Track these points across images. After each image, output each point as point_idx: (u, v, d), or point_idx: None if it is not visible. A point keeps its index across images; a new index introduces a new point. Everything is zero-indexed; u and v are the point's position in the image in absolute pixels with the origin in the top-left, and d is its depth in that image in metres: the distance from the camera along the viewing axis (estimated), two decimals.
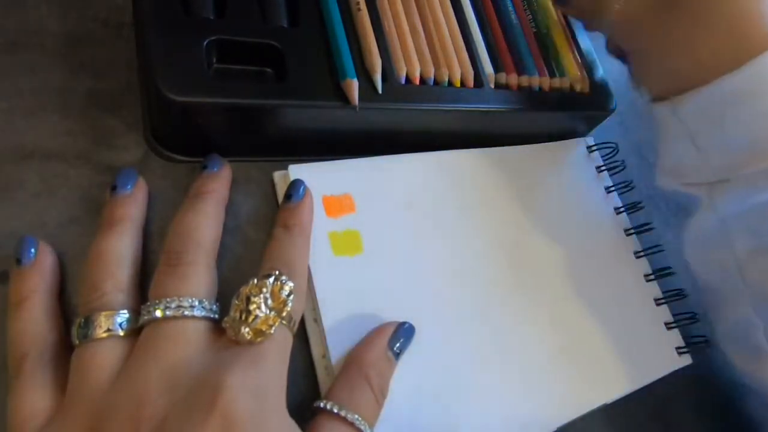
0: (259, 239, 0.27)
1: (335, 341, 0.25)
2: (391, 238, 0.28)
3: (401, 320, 0.26)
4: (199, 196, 0.24)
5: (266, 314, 0.21)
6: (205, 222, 0.23)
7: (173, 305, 0.20)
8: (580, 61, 0.36)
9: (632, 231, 0.37)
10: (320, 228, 0.27)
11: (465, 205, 0.31)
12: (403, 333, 0.25)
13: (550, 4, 0.37)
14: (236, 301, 0.21)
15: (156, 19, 0.24)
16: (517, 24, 0.35)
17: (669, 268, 0.36)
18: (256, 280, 0.22)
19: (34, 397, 0.19)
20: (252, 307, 0.21)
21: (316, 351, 0.25)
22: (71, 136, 0.26)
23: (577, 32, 0.38)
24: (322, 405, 0.22)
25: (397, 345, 0.25)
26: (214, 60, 0.26)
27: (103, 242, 0.22)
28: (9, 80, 0.25)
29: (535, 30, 0.36)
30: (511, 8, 0.35)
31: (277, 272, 0.22)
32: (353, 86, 0.26)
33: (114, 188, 0.24)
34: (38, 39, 0.26)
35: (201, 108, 0.24)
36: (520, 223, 0.33)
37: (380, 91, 0.27)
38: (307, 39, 0.27)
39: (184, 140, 0.27)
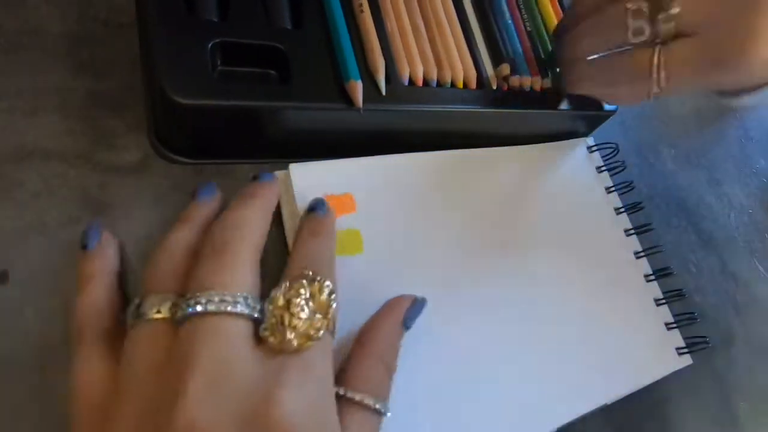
0: None
1: (335, 341, 0.25)
2: (392, 237, 0.28)
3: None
4: (251, 197, 0.24)
5: (310, 317, 0.20)
6: (254, 216, 0.23)
7: (216, 299, 0.19)
8: None
9: (632, 231, 0.37)
10: None
11: (465, 205, 0.31)
12: (417, 308, 0.25)
13: (546, 2, 0.37)
14: (271, 306, 0.20)
15: (160, 21, 0.24)
16: (511, 24, 0.35)
17: (669, 268, 0.36)
18: (288, 283, 0.21)
19: (94, 364, 0.20)
20: (295, 310, 0.20)
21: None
22: (71, 136, 0.26)
23: None
24: (341, 392, 0.21)
25: (410, 319, 0.25)
26: (219, 62, 0.26)
27: (173, 233, 0.23)
28: (9, 80, 0.25)
29: (530, 30, 0.36)
30: (505, 8, 0.35)
31: (310, 272, 0.21)
32: (357, 88, 0.26)
33: (194, 194, 0.25)
34: (38, 39, 0.26)
35: (206, 110, 0.24)
36: (521, 223, 0.33)
37: (383, 93, 0.27)
38: (311, 41, 0.27)
39: (189, 142, 0.27)
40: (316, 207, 0.26)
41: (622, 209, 0.38)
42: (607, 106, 0.36)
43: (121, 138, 0.26)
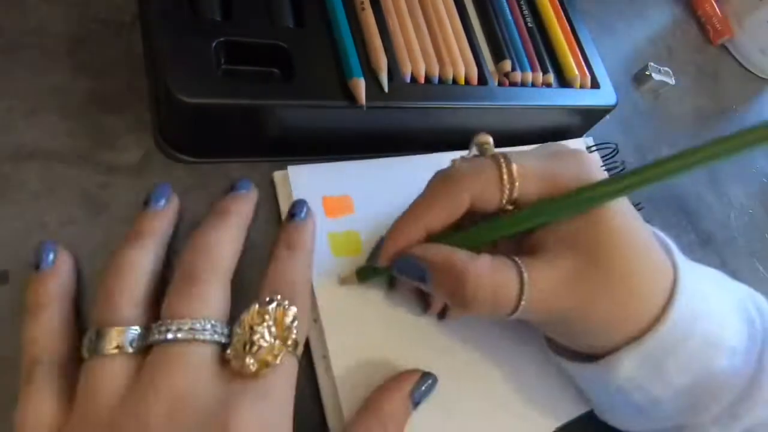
0: (258, 239, 0.27)
1: (335, 342, 0.25)
2: None
3: (424, 369, 0.25)
4: (223, 214, 0.24)
5: (271, 343, 0.20)
6: (225, 239, 0.23)
7: (186, 327, 0.20)
8: (580, 56, 0.36)
9: None
10: (320, 229, 0.27)
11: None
12: (425, 384, 0.24)
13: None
14: (239, 330, 0.20)
15: (164, 21, 0.24)
16: (512, 21, 0.35)
17: None
18: (257, 306, 0.21)
19: (44, 405, 0.19)
20: (256, 337, 0.20)
21: (316, 351, 0.25)
22: (71, 136, 0.26)
23: (578, 28, 0.38)
24: None
25: (418, 395, 0.24)
26: (222, 61, 0.27)
27: (125, 253, 0.22)
28: (9, 80, 0.25)
29: (530, 26, 0.36)
30: (505, 4, 0.35)
31: (278, 297, 0.21)
32: (360, 85, 0.26)
33: (146, 202, 0.24)
34: (38, 39, 0.27)
35: (211, 109, 0.24)
36: None
37: (386, 90, 0.28)
38: (313, 39, 0.27)
39: (193, 141, 0.27)
40: (295, 212, 0.26)
41: None
42: (607, 101, 0.36)
43: (121, 138, 0.26)
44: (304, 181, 0.27)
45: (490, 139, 0.25)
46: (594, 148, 0.39)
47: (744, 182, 0.49)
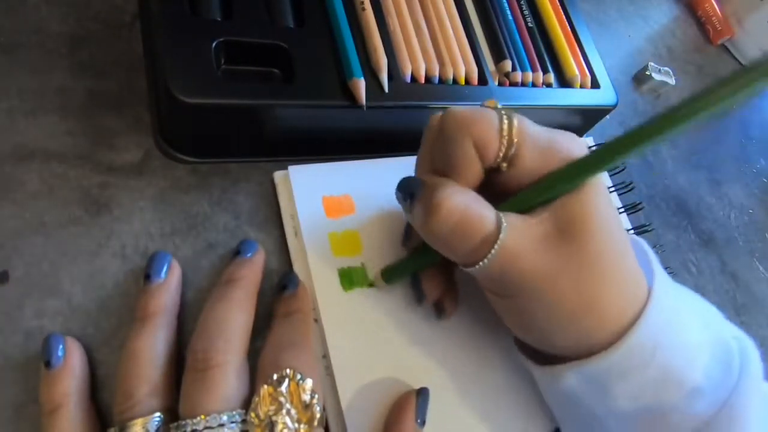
0: (258, 239, 0.27)
1: (336, 342, 0.25)
2: (390, 238, 0.28)
3: (417, 386, 0.25)
4: (230, 283, 0.23)
5: (296, 429, 0.19)
6: (235, 312, 0.22)
7: (201, 427, 0.19)
8: (581, 56, 0.36)
9: (632, 231, 0.37)
10: (320, 228, 0.27)
11: None
12: (423, 402, 0.24)
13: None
14: (255, 421, 0.20)
15: (165, 21, 0.24)
16: (512, 20, 0.35)
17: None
18: (268, 387, 0.20)
19: None
20: (278, 428, 0.19)
21: (316, 351, 0.25)
22: (71, 136, 0.26)
23: (578, 27, 0.38)
24: None
25: (421, 414, 0.24)
26: (222, 61, 0.27)
27: (137, 341, 0.21)
28: (9, 80, 0.25)
29: (531, 26, 0.36)
30: (505, 4, 0.35)
31: (289, 372, 0.21)
32: (360, 85, 0.26)
33: (147, 277, 0.23)
34: (38, 39, 0.26)
35: (212, 109, 0.24)
36: None
37: (386, 90, 0.28)
38: (313, 39, 0.27)
39: (193, 141, 0.27)
40: (286, 284, 0.25)
41: (622, 209, 0.38)
42: (607, 101, 0.36)
43: (121, 138, 0.26)
44: (305, 180, 0.27)
45: (498, 105, 0.25)
46: (594, 149, 0.39)
47: (744, 182, 0.49)
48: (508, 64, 0.32)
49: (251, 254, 0.25)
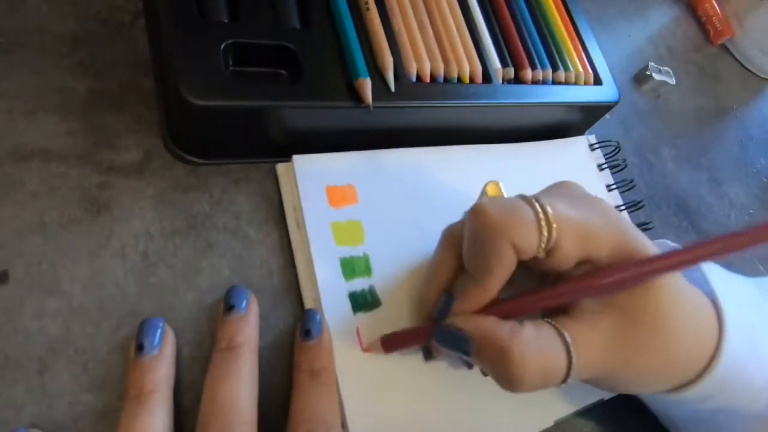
0: (259, 239, 0.27)
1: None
2: (393, 229, 0.28)
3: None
4: (231, 352, 0.22)
5: None
6: (242, 387, 0.21)
7: None
8: (583, 53, 0.36)
9: None
10: (323, 218, 0.27)
11: (466, 199, 0.31)
12: None
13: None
14: None
15: (173, 24, 0.24)
16: (530, 19, 0.35)
17: None
18: None
19: None
20: None
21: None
22: (71, 136, 0.25)
23: (579, 24, 0.38)
24: None
25: None
26: (230, 63, 0.27)
27: (135, 424, 0.20)
28: (9, 80, 0.25)
29: (535, 23, 0.36)
30: (523, 3, 0.36)
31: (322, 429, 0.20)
32: (366, 85, 0.26)
33: (140, 347, 0.21)
34: (38, 39, 0.26)
35: (221, 111, 0.24)
36: None
37: (393, 90, 0.28)
38: (319, 40, 0.27)
39: (201, 142, 0.27)
40: (309, 330, 0.24)
41: (623, 207, 0.38)
42: (610, 97, 0.36)
43: (122, 138, 0.26)
44: (309, 170, 0.27)
45: (502, 187, 0.24)
46: (596, 146, 0.39)
47: (744, 182, 0.49)
48: (511, 72, 0.32)
49: (245, 305, 0.23)
